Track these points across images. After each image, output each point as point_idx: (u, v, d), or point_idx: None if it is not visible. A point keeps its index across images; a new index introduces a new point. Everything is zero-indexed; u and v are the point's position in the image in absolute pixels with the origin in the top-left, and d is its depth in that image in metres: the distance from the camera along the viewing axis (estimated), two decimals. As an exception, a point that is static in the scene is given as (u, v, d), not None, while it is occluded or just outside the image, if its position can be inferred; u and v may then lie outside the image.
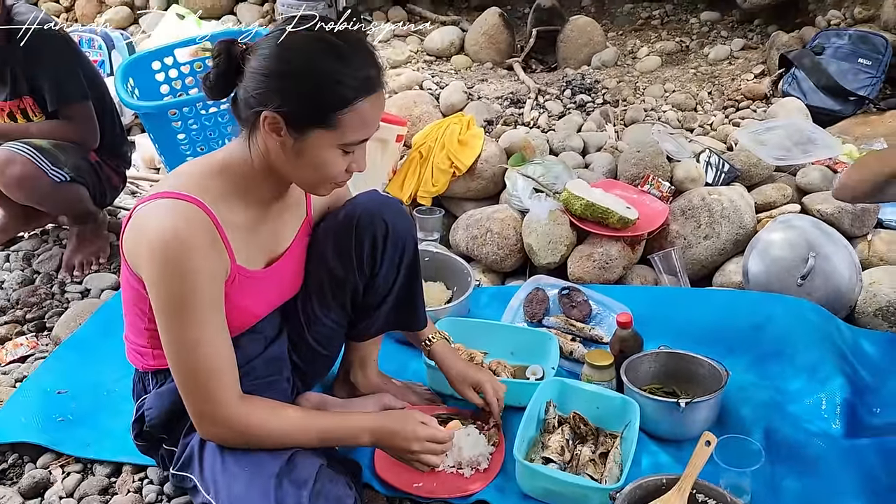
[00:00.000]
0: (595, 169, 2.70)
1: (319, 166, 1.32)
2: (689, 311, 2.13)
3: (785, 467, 1.61)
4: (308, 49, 1.27)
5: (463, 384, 1.68)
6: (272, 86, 1.26)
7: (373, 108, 1.31)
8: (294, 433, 1.37)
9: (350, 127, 1.29)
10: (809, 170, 2.53)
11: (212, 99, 1.37)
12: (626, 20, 4.18)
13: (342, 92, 1.26)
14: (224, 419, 1.32)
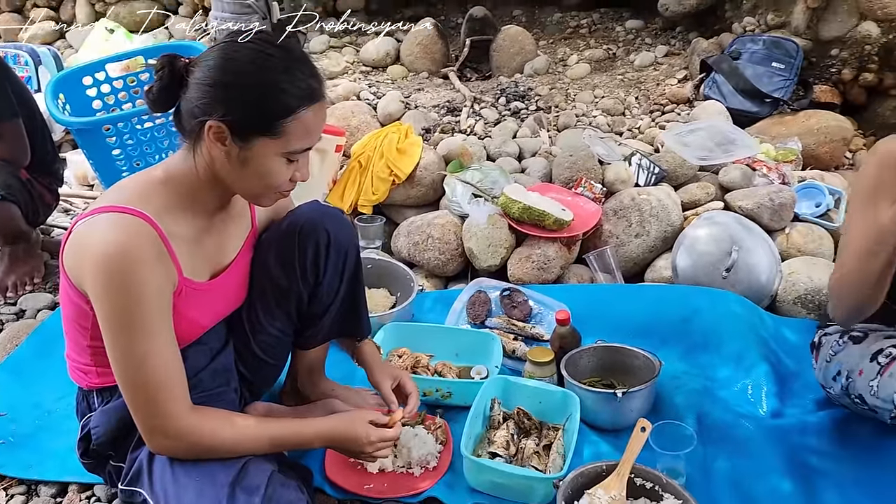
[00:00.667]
0: (531, 173, 2.78)
1: (264, 175, 1.35)
2: (624, 307, 2.22)
3: (716, 448, 1.71)
4: (252, 59, 1.30)
5: (384, 377, 1.68)
6: (217, 96, 1.29)
7: (316, 116, 1.35)
8: (246, 441, 1.38)
9: (294, 135, 1.32)
10: (730, 169, 2.66)
11: (155, 112, 1.39)
12: (555, 29, 4.29)
13: (286, 100, 1.30)
14: (176, 431, 1.32)
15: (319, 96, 1.35)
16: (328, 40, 4.02)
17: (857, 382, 1.59)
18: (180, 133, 1.38)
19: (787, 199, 2.47)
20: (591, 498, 1.50)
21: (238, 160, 1.33)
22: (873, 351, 1.57)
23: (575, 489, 1.52)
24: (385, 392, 1.66)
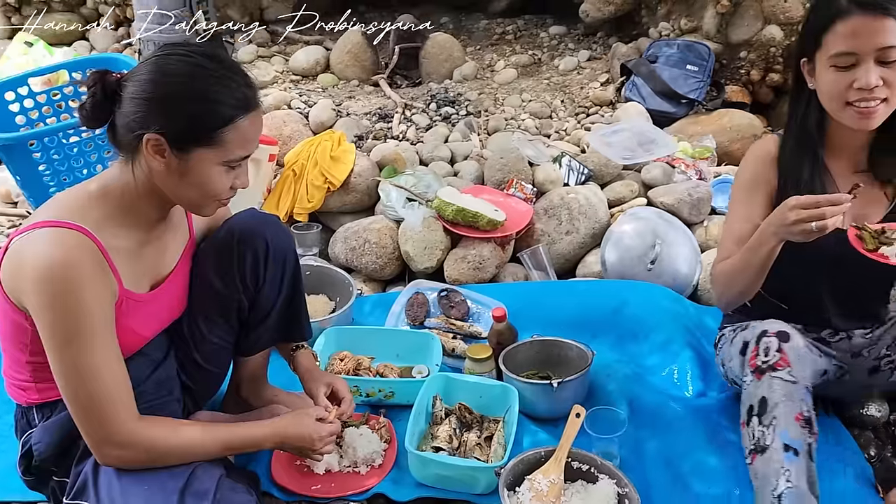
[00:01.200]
0: (463, 176, 2.85)
1: (204, 184, 1.37)
2: (557, 302, 2.30)
3: (647, 430, 1.81)
4: (186, 72, 1.33)
5: (317, 384, 1.69)
6: (153, 109, 1.31)
7: (252, 125, 1.38)
8: (197, 446, 1.40)
9: (232, 144, 1.35)
10: (652, 167, 2.80)
11: (90, 128, 1.39)
12: (482, 36, 4.39)
13: (222, 110, 1.33)
14: (126, 440, 1.33)
15: (255, 105, 1.38)
16: (256, 49, 4.02)
17: (728, 365, 1.73)
18: (116, 147, 1.39)
19: (705, 193, 2.61)
20: (531, 483, 1.57)
21: (177, 171, 1.35)
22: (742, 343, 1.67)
23: (516, 476, 1.59)
24: (319, 400, 1.67)
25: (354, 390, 1.91)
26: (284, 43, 4.21)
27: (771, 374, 1.44)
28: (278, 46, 4.16)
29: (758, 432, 1.43)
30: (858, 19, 1.41)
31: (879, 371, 1.72)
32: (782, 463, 1.37)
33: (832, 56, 1.45)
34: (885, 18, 1.40)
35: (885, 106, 1.45)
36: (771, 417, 1.41)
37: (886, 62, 1.42)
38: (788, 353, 1.46)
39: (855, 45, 1.42)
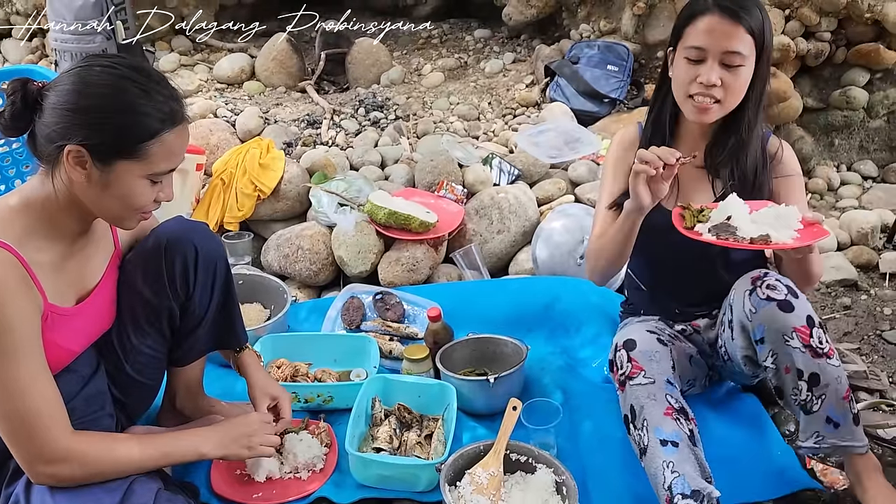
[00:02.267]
0: (394, 180, 2.87)
1: (126, 197, 1.35)
2: (491, 300, 2.35)
3: (580, 415, 1.87)
4: (110, 83, 1.30)
5: (262, 395, 1.69)
6: (75, 120, 1.28)
7: (178, 138, 1.36)
8: (134, 459, 1.37)
9: (157, 157, 1.33)
10: (578, 164, 2.88)
11: (7, 136, 1.36)
12: (408, 40, 4.42)
13: (147, 123, 1.31)
14: (59, 456, 1.30)
15: (181, 118, 1.37)
16: (179, 58, 3.95)
17: None
18: (36, 158, 1.36)
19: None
20: (471, 477, 1.60)
21: (99, 184, 1.32)
22: None
23: (456, 471, 1.62)
24: (260, 410, 1.66)
25: (293, 397, 1.90)
26: (207, 51, 4.15)
27: (630, 383, 1.59)
28: (201, 55, 4.11)
29: (636, 437, 1.56)
30: (715, 19, 1.56)
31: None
32: (662, 457, 1.48)
33: (686, 48, 1.59)
34: (737, 26, 1.54)
35: (719, 107, 1.61)
36: (642, 420, 1.54)
37: (729, 66, 1.57)
38: (638, 358, 1.60)
39: (706, 42, 1.56)
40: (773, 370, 1.59)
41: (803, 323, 1.53)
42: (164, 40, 4.13)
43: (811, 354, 1.52)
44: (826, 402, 1.54)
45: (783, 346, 1.54)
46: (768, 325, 1.55)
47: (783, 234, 1.51)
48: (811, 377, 1.53)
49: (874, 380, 2.15)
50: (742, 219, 1.54)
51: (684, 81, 1.60)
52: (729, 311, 1.68)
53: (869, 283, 2.64)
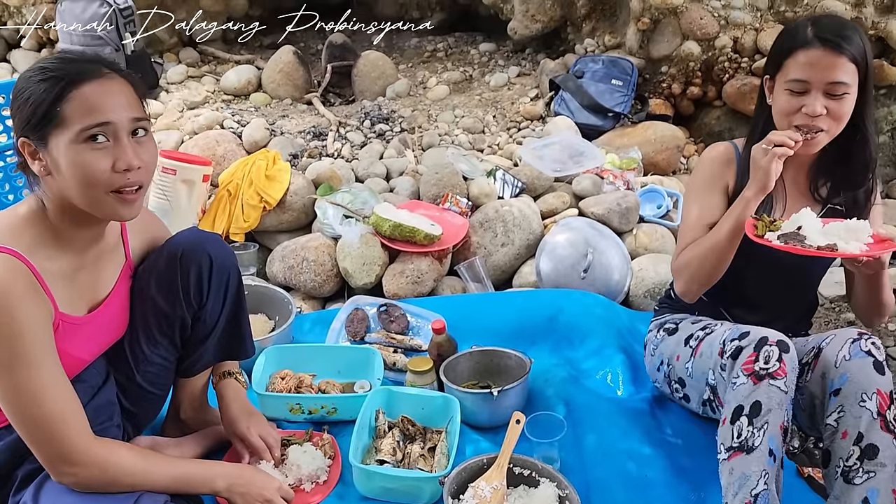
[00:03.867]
0: (399, 192, 2.88)
1: (78, 171, 1.30)
2: (495, 312, 2.35)
3: (584, 428, 1.87)
4: (32, 68, 1.33)
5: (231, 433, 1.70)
6: (13, 115, 1.32)
7: (98, 92, 1.31)
8: (150, 473, 1.39)
9: (77, 114, 1.29)
10: (582, 178, 2.89)
11: None
12: (414, 53, 4.45)
13: (52, 86, 1.29)
14: (82, 459, 1.32)
15: (94, 74, 1.31)
16: (186, 70, 3.98)
17: (676, 367, 1.79)
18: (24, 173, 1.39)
19: (632, 203, 2.71)
20: (474, 490, 1.60)
21: (54, 169, 1.31)
22: (685, 337, 1.78)
23: (459, 484, 1.62)
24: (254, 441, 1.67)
25: (297, 408, 1.91)
26: (215, 63, 4.19)
27: (770, 381, 1.49)
28: (209, 66, 4.14)
29: (745, 432, 1.47)
30: (817, 52, 1.54)
31: None
32: (764, 465, 1.43)
33: (789, 80, 1.57)
34: (840, 57, 1.53)
35: (825, 135, 1.58)
36: (763, 421, 1.46)
37: (834, 95, 1.55)
38: (787, 363, 1.51)
39: (809, 75, 1.54)
40: (831, 430, 1.50)
41: (887, 391, 1.46)
42: (172, 52, 4.17)
43: (881, 425, 1.44)
44: (872, 482, 1.42)
45: (855, 406, 1.46)
46: (852, 378, 1.48)
47: (852, 245, 1.50)
48: (868, 447, 1.43)
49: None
50: (812, 229, 1.53)
51: (788, 112, 1.59)
52: (813, 354, 1.60)
53: (873, 299, 2.64)
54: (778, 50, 1.62)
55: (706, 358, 1.67)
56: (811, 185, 1.72)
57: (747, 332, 1.58)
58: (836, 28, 1.55)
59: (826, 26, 1.56)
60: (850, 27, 1.56)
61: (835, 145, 1.63)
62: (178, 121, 3.42)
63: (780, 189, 1.70)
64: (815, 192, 1.72)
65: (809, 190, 1.72)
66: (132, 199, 1.36)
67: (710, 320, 1.81)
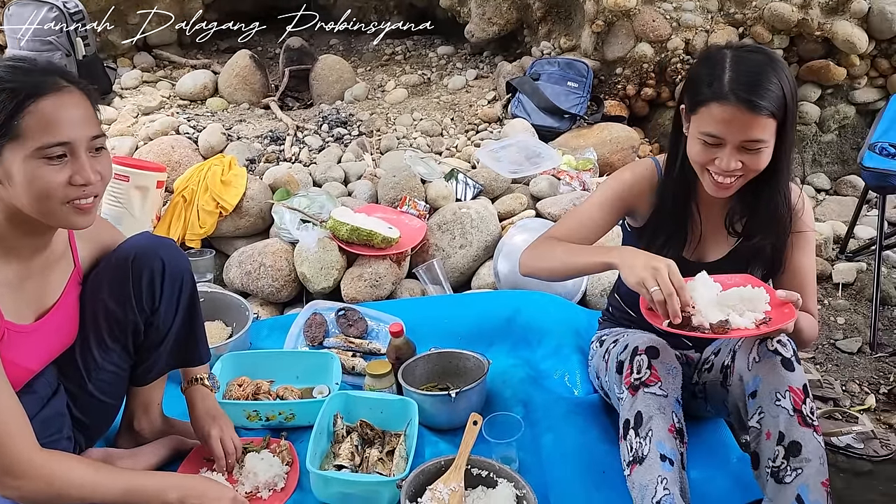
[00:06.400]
0: (357, 196, 2.88)
1: (33, 185, 1.28)
2: (454, 314, 2.36)
3: (542, 427, 1.89)
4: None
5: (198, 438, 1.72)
6: None
7: (56, 108, 1.28)
8: (99, 485, 1.36)
9: (35, 130, 1.26)
10: (539, 179, 2.91)
11: None
12: (372, 57, 4.45)
13: (12, 98, 1.26)
14: (26, 471, 1.29)
15: (51, 88, 1.29)
16: (141, 75, 3.92)
17: (603, 381, 1.83)
18: None
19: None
20: (432, 493, 1.60)
21: (6, 179, 1.29)
22: (603, 352, 1.81)
23: (417, 487, 1.62)
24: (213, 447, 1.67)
25: (254, 415, 1.90)
26: (170, 68, 4.13)
27: (644, 389, 1.54)
28: (164, 71, 4.08)
29: (635, 444, 1.51)
30: (733, 109, 1.44)
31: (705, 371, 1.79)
32: (659, 471, 1.46)
33: (702, 132, 1.49)
34: (757, 116, 1.43)
35: (741, 180, 1.54)
36: (647, 430, 1.50)
37: (749, 150, 1.48)
38: (658, 368, 1.55)
39: (724, 132, 1.46)
40: (755, 432, 1.51)
41: (799, 386, 1.48)
42: (126, 57, 4.11)
43: (798, 420, 1.46)
44: (801, 479, 1.43)
45: (772, 405, 1.48)
46: (764, 378, 1.50)
47: (747, 317, 1.48)
48: (791, 445, 1.45)
49: (828, 388, 2.20)
50: (707, 301, 1.49)
51: (701, 161, 1.53)
52: (730, 357, 1.63)
53: (823, 294, 2.71)
54: (695, 90, 1.52)
55: (611, 373, 1.72)
56: (726, 220, 1.68)
57: (627, 344, 1.62)
58: (753, 79, 1.44)
59: (743, 76, 1.45)
60: (769, 72, 1.45)
61: (750, 183, 1.56)
62: (133, 126, 3.37)
63: (696, 223, 1.69)
64: (730, 227, 1.69)
65: (725, 225, 1.69)
66: (87, 208, 1.35)
67: (626, 332, 1.81)
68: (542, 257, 1.71)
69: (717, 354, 1.72)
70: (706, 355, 1.78)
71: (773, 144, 1.50)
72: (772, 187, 1.60)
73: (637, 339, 1.63)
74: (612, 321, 1.97)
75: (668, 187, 1.67)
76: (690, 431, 1.61)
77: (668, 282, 1.43)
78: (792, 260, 1.68)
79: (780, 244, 1.67)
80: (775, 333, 1.51)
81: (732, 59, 1.49)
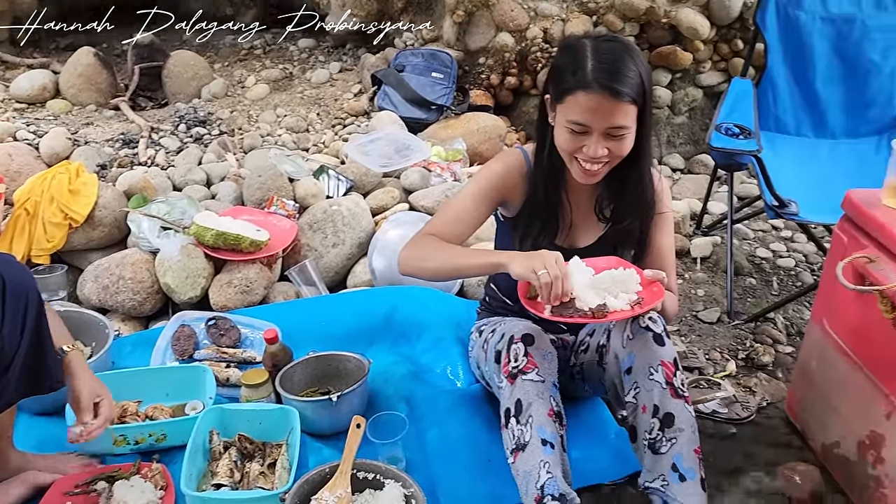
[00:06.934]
0: (221, 198, 2.75)
1: None
2: (331, 315, 2.31)
3: (426, 423, 1.89)
4: None
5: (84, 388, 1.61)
6: None
7: None
8: None
9: None
10: (410, 172, 2.90)
11: None
12: (229, 51, 4.27)
13: None
14: None
15: None
16: (-33, 77, 3.57)
17: (484, 370, 1.86)
18: None
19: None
20: (317, 502, 1.56)
21: None
22: (482, 342, 1.84)
23: (301, 498, 1.57)
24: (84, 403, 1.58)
25: (121, 440, 1.78)
26: (2, 68, 3.79)
27: (522, 377, 1.57)
28: (-5, 71, 3.75)
29: (517, 431, 1.54)
30: (597, 97, 1.47)
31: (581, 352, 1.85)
32: (541, 456, 1.50)
33: (568, 120, 1.53)
34: (620, 102, 1.48)
35: (607, 167, 1.59)
36: (527, 416, 1.54)
37: (614, 136, 1.52)
38: (534, 354, 1.59)
39: (589, 120, 1.50)
40: (632, 406, 1.59)
41: (670, 360, 1.56)
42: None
43: (671, 393, 1.54)
44: (675, 448, 1.53)
45: (646, 380, 1.56)
46: (638, 354, 1.57)
47: (621, 299, 1.54)
48: (665, 416, 1.53)
49: (693, 358, 2.33)
50: (583, 286, 1.53)
51: (569, 149, 1.56)
52: (604, 336, 1.70)
53: (683, 268, 2.86)
54: (559, 79, 1.55)
55: (490, 363, 1.74)
56: (596, 206, 1.74)
57: (504, 333, 1.66)
58: (613, 67, 1.48)
59: (605, 65, 1.48)
60: (627, 60, 1.49)
61: (616, 170, 1.62)
62: (-39, 135, 3.07)
63: (567, 210, 1.73)
64: (599, 213, 1.75)
65: (594, 211, 1.74)
66: None
67: (503, 321, 1.83)
68: (424, 257, 1.69)
69: (591, 335, 1.78)
70: (581, 337, 1.83)
71: (635, 130, 1.56)
72: (637, 171, 1.66)
73: (513, 328, 1.65)
74: (489, 311, 1.98)
75: (539, 176, 1.70)
76: (569, 412, 1.65)
77: (555, 265, 1.47)
78: (654, 240, 1.76)
79: (645, 226, 1.74)
80: (648, 312, 1.58)
81: (592, 48, 1.52)
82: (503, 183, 1.73)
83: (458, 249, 1.69)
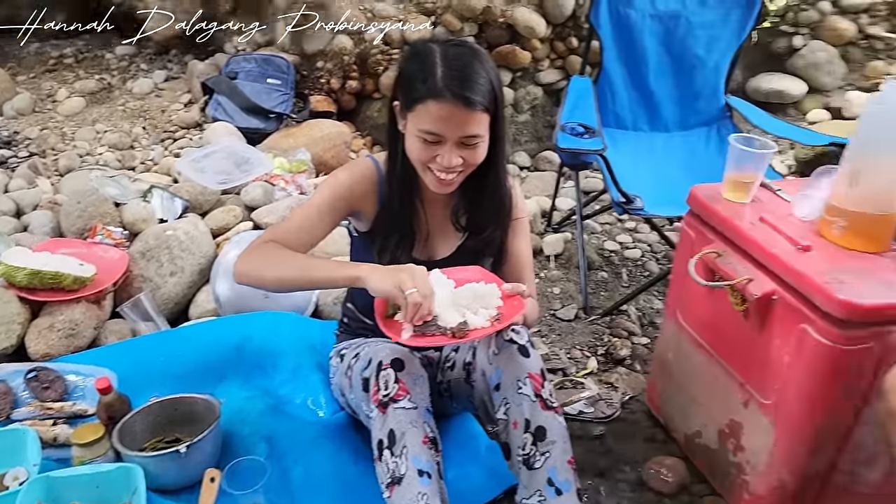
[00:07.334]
0: (35, 230, 2.47)
1: None
2: (174, 353, 2.10)
3: (289, 461, 1.76)
4: None
5: None
6: None
7: None
8: None
9: None
10: (251, 187, 2.72)
11: None
12: (35, 61, 3.87)
13: None
14: None
15: None
16: None
17: (350, 399, 1.75)
18: None
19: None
20: (171, 576, 1.39)
21: None
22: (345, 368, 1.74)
23: (152, 573, 1.39)
24: None
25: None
26: None
27: (393, 405, 1.48)
28: None
29: (391, 464, 1.46)
30: (449, 107, 1.43)
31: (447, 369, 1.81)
32: (418, 488, 1.42)
33: (421, 130, 1.48)
34: (472, 112, 1.44)
35: (461, 175, 1.55)
36: (401, 447, 1.45)
37: (468, 145, 1.49)
38: (405, 380, 1.51)
39: (442, 129, 1.46)
40: (503, 423, 1.55)
41: (537, 371, 1.53)
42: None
43: (541, 405, 1.51)
44: (549, 461, 1.50)
45: (515, 395, 1.52)
46: (505, 369, 1.54)
47: (481, 315, 1.48)
48: (537, 430, 1.50)
49: (555, 359, 2.34)
50: (442, 300, 1.46)
51: (422, 159, 1.51)
52: (470, 353, 1.65)
53: (538, 267, 2.88)
54: (409, 87, 1.49)
55: (357, 391, 1.65)
56: (452, 215, 1.71)
57: (371, 358, 1.58)
58: (464, 74, 1.44)
59: (455, 72, 1.44)
60: (476, 66, 1.46)
61: (471, 178, 1.58)
62: None
63: (423, 221, 1.68)
64: (456, 223, 1.71)
65: (451, 220, 1.71)
66: None
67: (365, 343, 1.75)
68: (267, 265, 1.56)
69: (457, 352, 1.74)
70: (446, 353, 1.78)
71: (488, 137, 1.52)
72: (492, 179, 1.63)
73: (379, 352, 1.57)
74: (349, 332, 1.88)
75: (393, 187, 1.64)
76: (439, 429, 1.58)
77: (425, 283, 1.42)
78: (512, 247, 1.74)
79: (504, 234, 1.72)
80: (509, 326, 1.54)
81: (441, 54, 1.47)
82: (351, 193, 1.65)
83: (307, 259, 1.59)
